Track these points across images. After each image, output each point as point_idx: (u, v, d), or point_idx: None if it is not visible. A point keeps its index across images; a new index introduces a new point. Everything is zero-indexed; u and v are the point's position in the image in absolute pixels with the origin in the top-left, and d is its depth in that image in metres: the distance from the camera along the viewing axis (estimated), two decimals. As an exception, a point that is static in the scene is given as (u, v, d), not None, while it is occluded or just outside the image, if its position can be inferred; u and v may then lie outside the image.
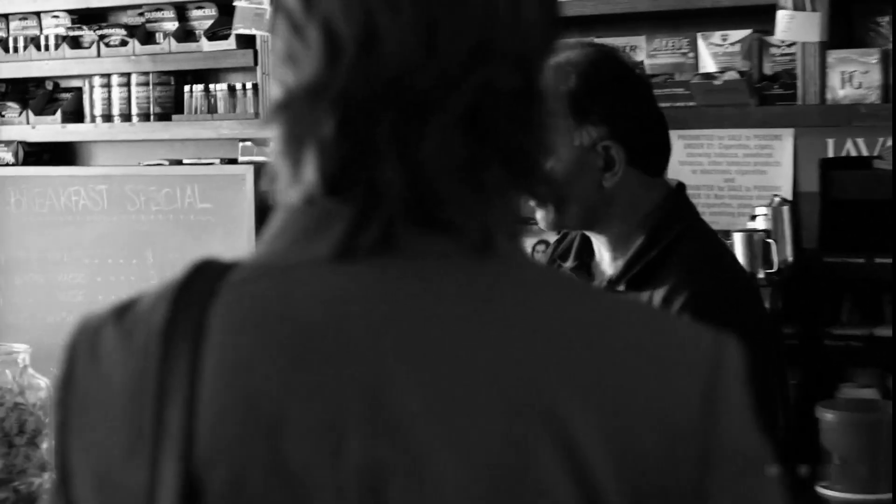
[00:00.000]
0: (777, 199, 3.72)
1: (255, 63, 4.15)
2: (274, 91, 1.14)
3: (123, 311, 1.12)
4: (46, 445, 2.68)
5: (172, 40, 4.30)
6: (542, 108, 1.12)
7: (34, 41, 4.58)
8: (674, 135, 4.04)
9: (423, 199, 1.07)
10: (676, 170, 3.96)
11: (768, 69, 3.66)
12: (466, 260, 1.09)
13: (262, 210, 4.02)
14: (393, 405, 1.03)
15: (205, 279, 1.09)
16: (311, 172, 1.08)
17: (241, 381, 1.05)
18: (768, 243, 3.56)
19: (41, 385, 2.70)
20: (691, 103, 3.75)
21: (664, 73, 3.80)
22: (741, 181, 3.96)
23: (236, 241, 4.03)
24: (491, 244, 1.09)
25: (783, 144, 3.89)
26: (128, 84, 4.40)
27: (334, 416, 1.03)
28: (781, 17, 3.47)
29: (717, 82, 3.64)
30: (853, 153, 3.74)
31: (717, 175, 3.99)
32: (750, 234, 3.58)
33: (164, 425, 1.05)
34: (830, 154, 3.76)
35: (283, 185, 1.11)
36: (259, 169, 4.04)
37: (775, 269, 3.53)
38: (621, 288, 2.29)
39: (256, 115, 4.15)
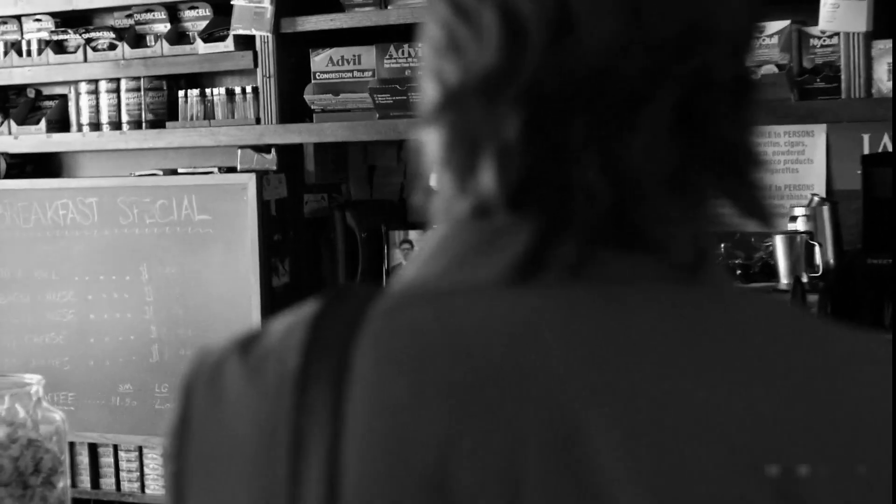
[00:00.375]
0: (816, 199, 3.53)
1: (255, 65, 3.94)
2: (428, 87, 0.98)
3: (249, 345, 0.97)
4: (62, 484, 2.46)
5: (164, 43, 4.11)
6: (755, 100, 0.97)
7: (15, 46, 4.37)
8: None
9: (625, 211, 0.91)
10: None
11: (808, 62, 3.46)
12: (673, 285, 0.92)
13: (266, 221, 3.84)
14: (586, 465, 0.86)
15: (346, 308, 0.95)
16: (489, 181, 0.94)
17: (395, 430, 0.89)
18: (812, 245, 3.37)
19: (55, 418, 2.48)
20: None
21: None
22: (770, 180, 3.77)
23: (238, 255, 3.84)
24: (701, 266, 0.93)
25: (816, 141, 3.72)
26: (117, 90, 4.19)
27: (510, 475, 0.87)
28: (825, 6, 3.27)
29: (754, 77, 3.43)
30: (889, 149, 3.55)
31: (745, 174, 3.79)
32: (792, 236, 3.39)
33: (301, 483, 0.90)
34: (867, 150, 3.58)
35: (446, 197, 0.97)
36: (262, 177, 3.85)
37: (820, 272, 3.34)
38: None
39: (257, 120, 3.96)
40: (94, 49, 4.22)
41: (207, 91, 4.05)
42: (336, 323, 0.94)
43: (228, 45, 3.96)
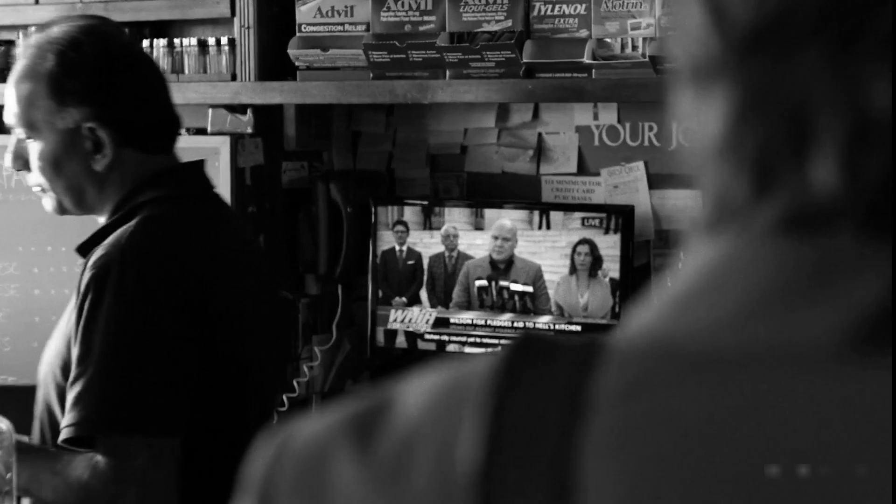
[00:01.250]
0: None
1: (232, 14, 3.60)
2: (691, 28, 0.69)
3: (367, 428, 0.67)
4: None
5: (128, -16, 3.75)
6: None
7: (-44, -14, 3.94)
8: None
9: None
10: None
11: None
12: None
13: (240, 192, 3.49)
14: None
15: (551, 378, 0.65)
16: (828, 176, 0.64)
17: None
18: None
19: (2, 428, 2.05)
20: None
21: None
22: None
23: None
24: None
25: None
26: None
27: None
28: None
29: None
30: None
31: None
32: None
33: None
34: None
35: (726, 199, 0.68)
36: (237, 142, 3.50)
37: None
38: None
39: (233, 77, 3.62)
40: (47, -10, 3.84)
41: (176, 41, 3.73)
42: (538, 404, 0.64)
43: (202, -12, 3.65)
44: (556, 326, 3.29)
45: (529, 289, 3.33)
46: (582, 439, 0.63)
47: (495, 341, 3.37)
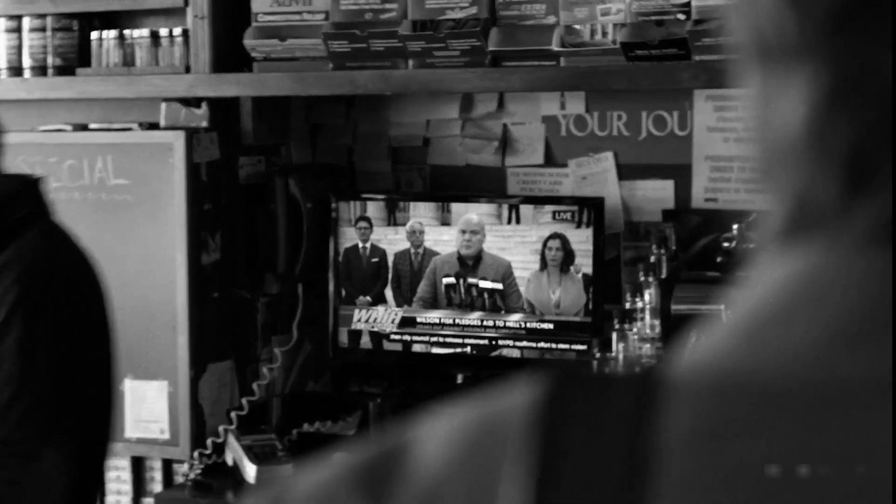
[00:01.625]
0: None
1: (186, 3, 3.53)
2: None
3: (381, 483, 0.58)
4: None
5: (76, -27, 3.68)
6: None
7: None
8: (701, 94, 3.34)
9: None
10: (704, 137, 3.31)
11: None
12: None
13: (195, 188, 3.40)
14: None
15: (606, 414, 0.56)
16: None
17: None
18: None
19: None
20: (720, 56, 3.04)
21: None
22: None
23: (162, 227, 3.42)
24: None
25: None
26: (18, 29, 3.75)
27: None
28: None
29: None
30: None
31: (755, 145, 3.31)
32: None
33: None
34: None
35: (807, 204, 0.59)
36: (191, 136, 3.41)
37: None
38: None
39: (187, 69, 3.53)
40: (-10, -21, 3.77)
41: (127, 33, 3.65)
42: (597, 448, 0.55)
43: (154, -23, 3.58)
44: (528, 324, 3.19)
45: (499, 286, 3.23)
46: (653, 494, 0.54)
47: (464, 341, 3.27)
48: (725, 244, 3.08)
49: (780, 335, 0.55)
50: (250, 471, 3.11)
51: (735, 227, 3.10)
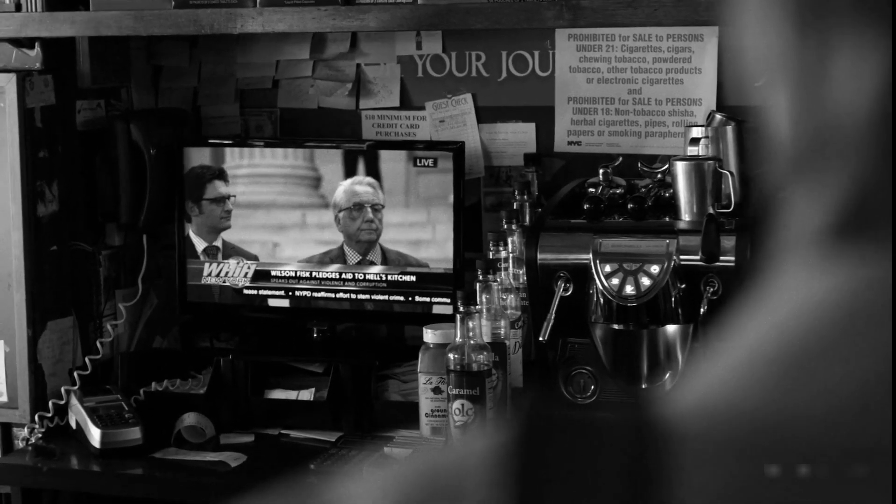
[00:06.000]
0: (719, 118, 2.95)
1: None
2: None
3: None
4: None
5: None
6: None
7: None
8: (563, 34, 3.21)
9: None
10: (567, 78, 3.19)
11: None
12: None
13: (30, 135, 3.19)
14: None
15: None
16: None
17: None
18: (721, 174, 2.79)
19: None
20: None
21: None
22: (649, 92, 3.22)
23: None
24: None
25: (704, 47, 3.17)
26: None
27: None
28: None
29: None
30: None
31: (619, 85, 3.25)
32: (699, 164, 2.79)
33: None
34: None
35: (878, 202, 0.46)
36: (24, 79, 3.19)
37: (732, 207, 2.76)
38: None
39: (17, 6, 3.27)
40: None
41: None
42: None
43: None
44: (390, 277, 3.05)
45: (357, 236, 3.08)
46: None
47: (322, 295, 3.11)
48: (591, 189, 2.97)
49: (833, 375, 0.41)
50: (95, 434, 2.94)
51: (601, 171, 2.99)
